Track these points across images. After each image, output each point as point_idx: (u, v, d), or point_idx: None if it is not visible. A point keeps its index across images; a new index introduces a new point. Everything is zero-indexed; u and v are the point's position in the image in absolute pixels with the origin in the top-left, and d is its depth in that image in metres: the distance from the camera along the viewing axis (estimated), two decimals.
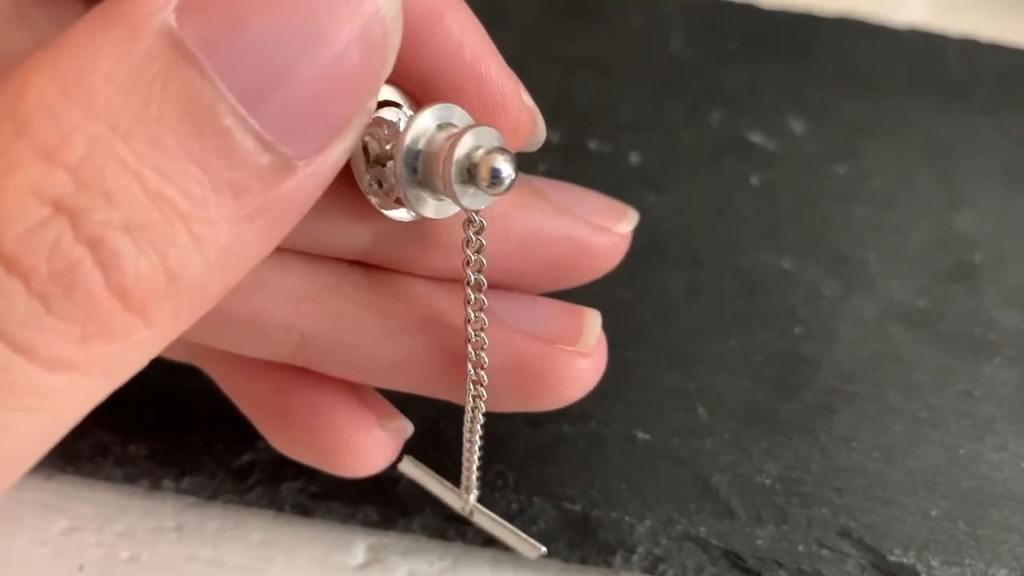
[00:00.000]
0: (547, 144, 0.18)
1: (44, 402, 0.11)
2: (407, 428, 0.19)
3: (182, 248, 0.11)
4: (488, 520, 0.20)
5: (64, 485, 0.22)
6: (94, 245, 0.11)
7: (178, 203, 0.11)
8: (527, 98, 0.16)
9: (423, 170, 0.14)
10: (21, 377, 0.11)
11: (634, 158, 0.30)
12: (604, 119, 0.32)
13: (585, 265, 0.18)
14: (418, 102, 0.15)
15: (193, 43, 0.11)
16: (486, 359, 0.16)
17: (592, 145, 0.30)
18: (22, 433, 0.12)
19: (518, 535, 0.20)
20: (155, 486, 0.22)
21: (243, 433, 0.20)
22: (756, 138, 0.31)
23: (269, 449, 0.21)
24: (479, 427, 0.18)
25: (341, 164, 0.13)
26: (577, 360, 0.17)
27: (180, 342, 0.14)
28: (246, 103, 0.11)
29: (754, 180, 0.30)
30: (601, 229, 0.18)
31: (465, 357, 0.16)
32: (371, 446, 0.18)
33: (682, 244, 0.28)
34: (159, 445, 0.22)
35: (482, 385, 0.16)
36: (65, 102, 0.11)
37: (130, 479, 0.22)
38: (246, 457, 0.22)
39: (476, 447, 0.18)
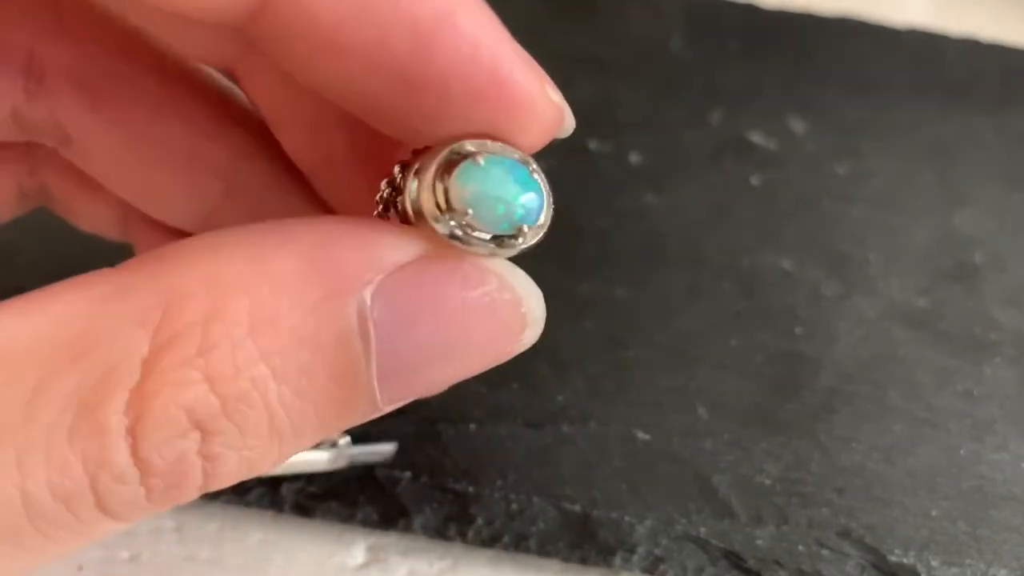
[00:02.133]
0: (547, 144, 0.17)
1: (94, 537, 0.13)
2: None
3: (271, 458, 0.13)
4: None
5: None
6: (209, 459, 0.12)
7: (287, 436, 0.13)
8: (554, 93, 0.14)
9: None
10: (93, 528, 0.12)
11: (634, 158, 0.30)
12: (604, 119, 0.32)
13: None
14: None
15: (373, 322, 0.12)
16: None
17: (592, 145, 0.30)
18: (57, 554, 0.13)
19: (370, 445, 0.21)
20: None
21: None
22: (756, 138, 0.31)
23: None
24: None
25: None
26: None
27: None
28: (381, 380, 0.13)
29: (754, 180, 0.30)
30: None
31: None
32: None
33: (682, 244, 0.28)
34: None
35: None
36: (250, 341, 0.12)
37: None
38: None
39: None
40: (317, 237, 0.13)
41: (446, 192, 0.13)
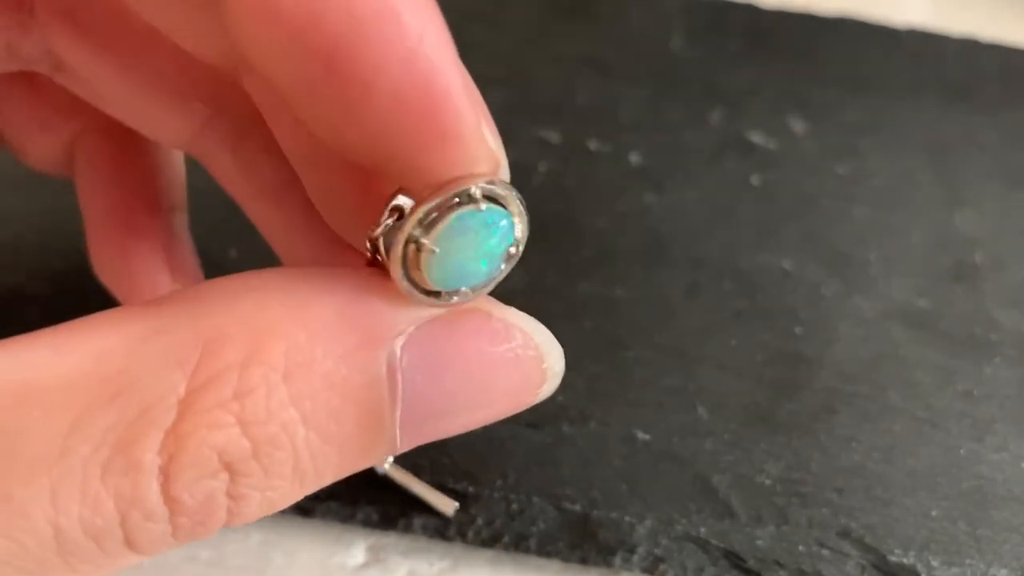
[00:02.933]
0: (547, 144, 0.17)
1: (116, 569, 0.13)
2: None
3: (291, 497, 0.13)
4: (403, 475, 0.21)
5: None
6: (235, 498, 0.12)
7: (308, 477, 0.13)
8: (491, 136, 0.13)
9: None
10: (117, 561, 0.12)
11: (634, 158, 0.30)
12: (604, 119, 0.32)
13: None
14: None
15: (401, 372, 0.13)
16: None
17: (592, 145, 0.30)
18: None
19: (433, 491, 0.21)
20: None
21: None
22: (756, 138, 0.31)
23: None
24: None
25: None
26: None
27: None
28: (404, 426, 0.13)
29: (754, 180, 0.30)
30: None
31: None
32: None
33: (682, 244, 0.28)
34: None
35: None
36: (284, 385, 0.12)
37: None
38: None
39: None
40: (354, 288, 0.13)
41: (431, 289, 0.13)
